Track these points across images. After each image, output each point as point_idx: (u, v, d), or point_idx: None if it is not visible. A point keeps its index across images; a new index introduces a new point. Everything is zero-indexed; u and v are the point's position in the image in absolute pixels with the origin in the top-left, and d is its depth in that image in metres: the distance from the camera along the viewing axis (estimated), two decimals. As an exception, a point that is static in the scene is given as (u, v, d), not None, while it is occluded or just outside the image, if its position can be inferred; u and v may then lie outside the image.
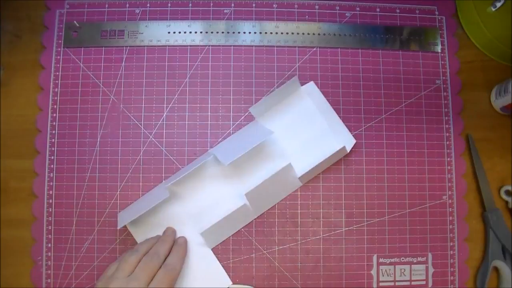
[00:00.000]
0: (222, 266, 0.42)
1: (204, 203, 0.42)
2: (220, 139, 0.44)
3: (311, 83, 0.44)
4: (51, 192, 0.43)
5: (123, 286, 0.34)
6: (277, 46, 0.45)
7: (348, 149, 0.43)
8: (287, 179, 0.42)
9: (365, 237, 0.43)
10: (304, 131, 0.43)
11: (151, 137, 0.44)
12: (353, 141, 0.43)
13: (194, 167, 0.41)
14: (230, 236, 0.42)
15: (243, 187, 0.41)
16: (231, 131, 0.44)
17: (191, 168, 0.40)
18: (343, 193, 0.43)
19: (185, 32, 0.45)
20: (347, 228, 0.43)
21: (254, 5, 0.46)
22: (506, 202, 0.44)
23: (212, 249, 0.42)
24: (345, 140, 0.43)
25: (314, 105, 0.44)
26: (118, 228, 0.39)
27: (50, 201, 0.43)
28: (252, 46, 0.45)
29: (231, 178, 0.42)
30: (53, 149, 0.43)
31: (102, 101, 0.44)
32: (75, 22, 0.45)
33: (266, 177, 0.40)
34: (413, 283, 0.43)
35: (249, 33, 0.45)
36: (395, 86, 0.45)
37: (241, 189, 0.41)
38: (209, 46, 0.45)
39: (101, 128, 0.44)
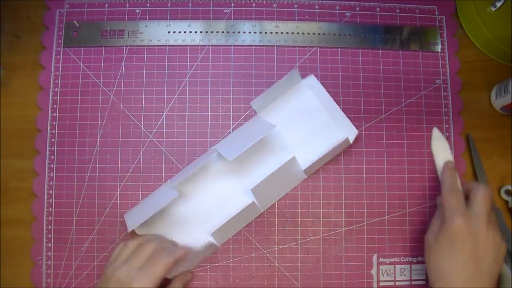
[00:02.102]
0: (223, 264, 0.42)
1: (211, 202, 0.42)
2: (220, 139, 0.44)
3: (311, 76, 0.44)
4: (51, 192, 0.43)
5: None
6: (277, 46, 0.45)
7: (351, 140, 0.42)
8: (291, 172, 0.42)
9: (365, 237, 0.43)
10: (306, 124, 0.43)
11: (151, 137, 0.44)
12: (356, 131, 0.43)
13: (198, 165, 0.40)
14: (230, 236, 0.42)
15: (249, 182, 0.41)
16: (231, 131, 0.44)
17: (196, 166, 0.40)
18: (343, 193, 0.43)
19: (185, 32, 0.45)
20: (347, 228, 0.43)
21: (254, 5, 0.46)
22: (506, 202, 0.44)
23: (212, 249, 0.42)
24: (347, 131, 0.43)
25: (315, 97, 0.44)
26: (129, 231, 0.39)
27: (50, 201, 0.43)
28: (252, 46, 0.45)
29: (236, 173, 0.42)
30: (53, 149, 0.43)
31: (102, 101, 0.44)
32: (75, 22, 0.45)
33: (271, 171, 0.40)
34: (413, 283, 0.43)
35: (249, 33, 0.45)
36: (395, 86, 0.45)
37: (246, 185, 0.41)
38: (209, 46, 0.45)
39: (101, 128, 0.44)
